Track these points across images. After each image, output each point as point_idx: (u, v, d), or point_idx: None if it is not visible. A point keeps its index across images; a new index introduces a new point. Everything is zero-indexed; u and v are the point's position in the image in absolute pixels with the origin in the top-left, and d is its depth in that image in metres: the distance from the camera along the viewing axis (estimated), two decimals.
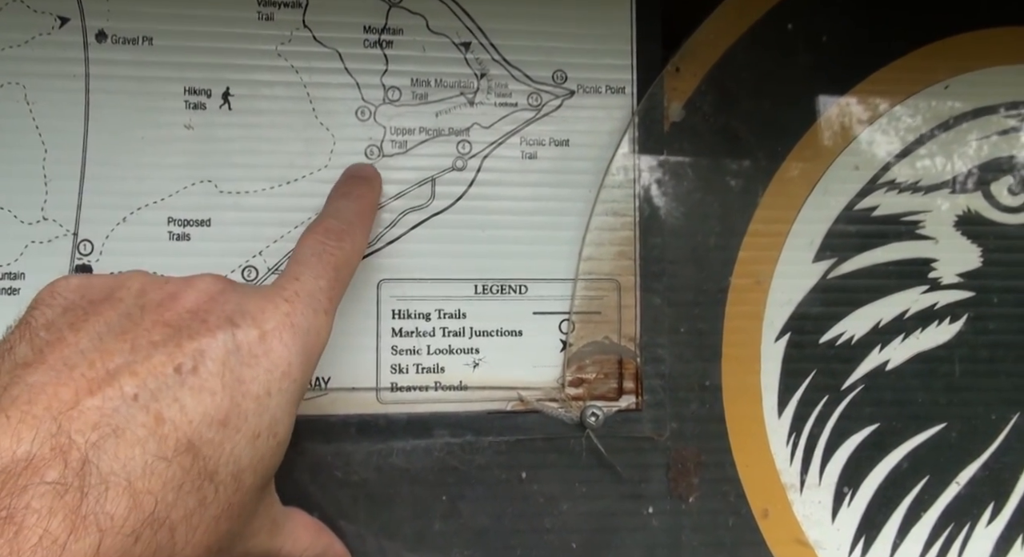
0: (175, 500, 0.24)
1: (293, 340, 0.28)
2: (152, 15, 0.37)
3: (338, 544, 0.35)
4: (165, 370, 0.25)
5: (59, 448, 0.22)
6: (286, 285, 0.30)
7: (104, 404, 0.24)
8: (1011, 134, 0.41)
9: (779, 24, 0.40)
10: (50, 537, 0.21)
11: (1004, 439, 0.41)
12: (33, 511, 0.21)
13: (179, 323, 0.26)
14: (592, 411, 0.38)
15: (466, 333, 0.38)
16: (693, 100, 0.39)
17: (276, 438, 0.27)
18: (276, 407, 0.27)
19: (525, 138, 0.39)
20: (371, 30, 0.38)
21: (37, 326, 0.26)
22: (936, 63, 0.41)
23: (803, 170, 0.40)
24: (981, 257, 0.41)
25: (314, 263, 0.31)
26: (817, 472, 0.40)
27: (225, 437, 0.25)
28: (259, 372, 0.27)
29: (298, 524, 0.32)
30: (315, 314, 0.30)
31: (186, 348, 0.26)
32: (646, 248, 0.39)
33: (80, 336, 0.25)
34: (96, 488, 0.22)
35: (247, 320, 0.27)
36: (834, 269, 0.40)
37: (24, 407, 0.23)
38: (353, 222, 0.34)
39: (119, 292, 0.28)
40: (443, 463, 0.37)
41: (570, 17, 0.39)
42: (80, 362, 0.25)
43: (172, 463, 0.24)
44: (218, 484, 0.25)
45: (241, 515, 0.27)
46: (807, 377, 0.40)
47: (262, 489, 0.28)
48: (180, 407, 0.25)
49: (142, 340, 0.26)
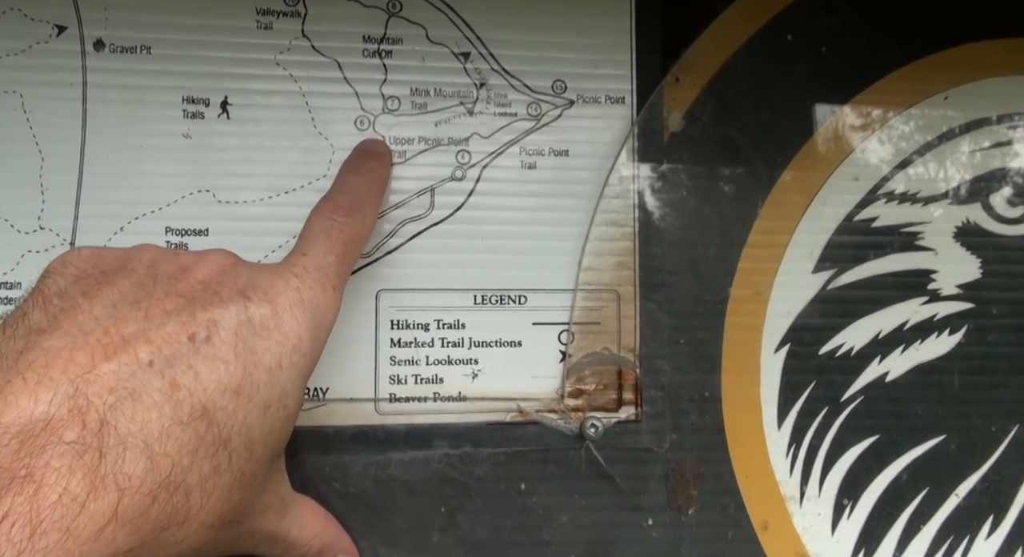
0: (190, 464, 0.24)
1: (303, 315, 0.29)
2: (150, 24, 0.36)
3: (346, 538, 0.34)
4: (179, 338, 0.25)
5: (77, 409, 0.23)
6: (295, 261, 0.30)
7: (120, 369, 0.24)
8: (1010, 145, 0.41)
9: (778, 35, 0.40)
10: (69, 495, 0.21)
11: (1003, 451, 0.41)
12: (53, 470, 0.22)
13: (192, 294, 0.27)
14: (591, 422, 0.37)
15: (465, 343, 0.38)
16: (693, 110, 0.39)
17: (286, 410, 0.28)
18: (287, 380, 0.28)
19: (524, 148, 0.39)
20: (370, 39, 0.38)
21: (50, 294, 0.26)
22: (935, 74, 0.41)
23: (802, 181, 0.40)
24: (980, 268, 0.41)
25: (323, 239, 0.31)
26: (817, 484, 0.39)
27: (238, 406, 0.26)
28: (270, 344, 0.27)
29: (306, 510, 0.32)
30: (323, 290, 0.30)
31: (199, 318, 0.26)
32: (646, 258, 0.39)
33: (94, 304, 0.26)
34: (114, 449, 0.23)
35: (258, 294, 0.28)
36: (833, 280, 0.40)
37: (40, 370, 0.23)
38: (362, 198, 0.34)
39: (131, 263, 0.28)
40: (442, 474, 0.37)
41: (570, 27, 0.39)
42: (95, 328, 0.25)
43: (187, 428, 0.24)
44: (231, 452, 0.26)
45: (252, 485, 0.27)
46: (807, 388, 0.40)
47: (272, 462, 0.29)
48: (194, 374, 0.25)
49: (156, 309, 0.26)
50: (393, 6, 0.38)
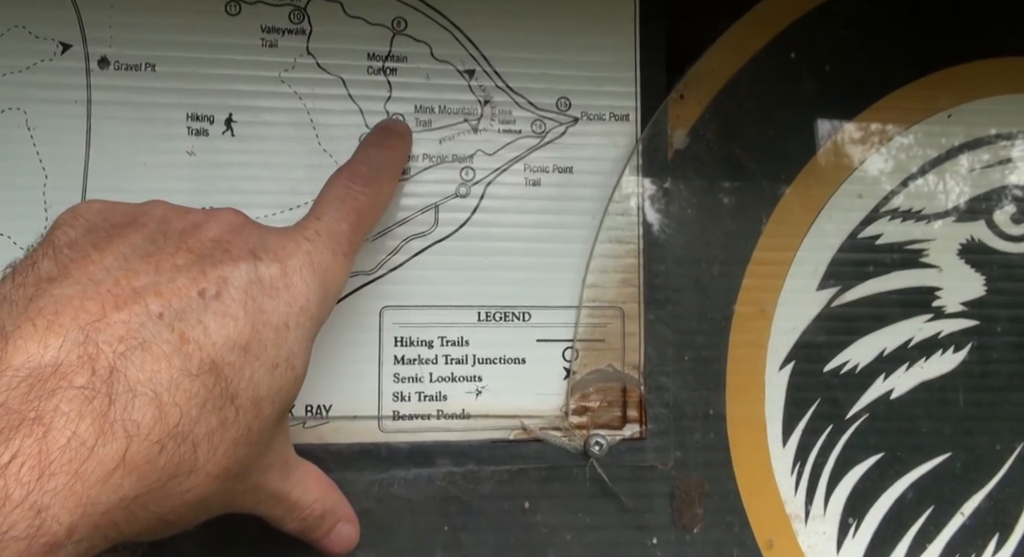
0: (198, 416, 0.24)
1: (312, 277, 0.29)
2: (154, 42, 0.36)
3: (347, 506, 0.34)
4: (189, 293, 0.25)
5: (87, 356, 0.23)
6: (308, 224, 0.30)
7: (130, 319, 0.24)
8: (1014, 163, 0.42)
9: (782, 53, 0.40)
10: (78, 439, 0.22)
11: (1009, 469, 0.41)
12: (62, 414, 0.22)
13: (202, 251, 0.27)
14: (596, 440, 0.37)
15: (469, 361, 0.38)
16: (697, 128, 0.39)
17: (294, 371, 0.28)
18: (294, 340, 0.28)
19: (529, 165, 0.39)
20: (375, 57, 0.38)
21: (60, 244, 0.26)
22: (939, 92, 0.41)
23: (806, 198, 0.40)
24: (985, 286, 0.41)
25: (337, 206, 0.32)
26: (822, 502, 0.39)
27: (246, 362, 0.26)
28: (279, 304, 0.27)
29: (309, 474, 0.32)
30: (334, 255, 0.30)
31: (210, 275, 0.26)
32: (650, 276, 0.39)
33: (105, 255, 0.26)
34: (123, 396, 0.23)
35: (269, 254, 0.28)
36: (838, 297, 0.40)
37: (50, 316, 0.23)
38: (380, 170, 0.34)
39: (142, 217, 0.28)
40: (445, 493, 0.36)
41: (574, 45, 0.39)
42: (105, 279, 0.25)
43: (196, 380, 0.24)
44: (238, 407, 0.26)
45: (259, 442, 0.27)
46: (811, 406, 0.39)
47: (278, 422, 0.29)
48: (204, 329, 0.25)
49: (166, 263, 0.26)
50: (398, 24, 0.38)
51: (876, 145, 0.41)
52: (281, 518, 0.31)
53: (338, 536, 0.34)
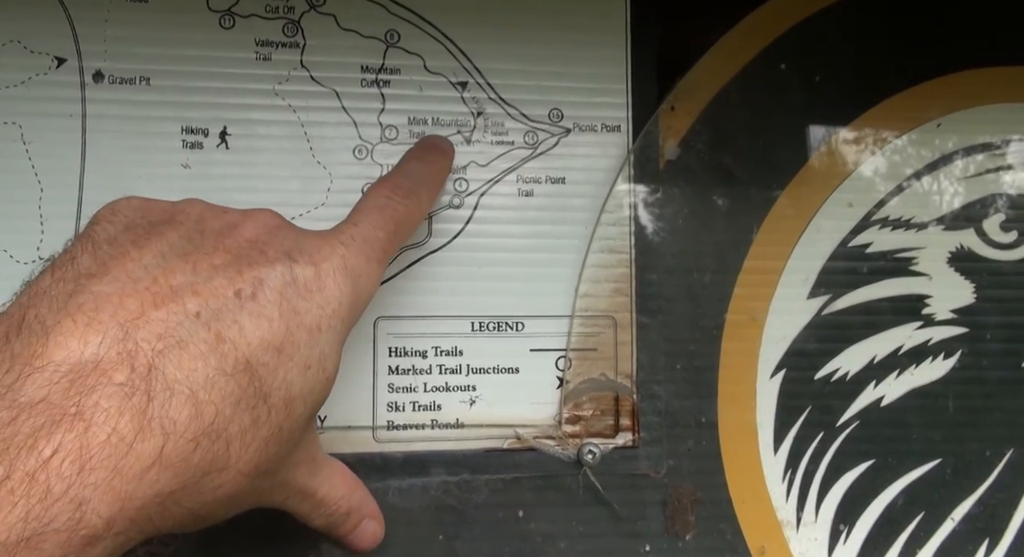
0: (232, 415, 0.25)
1: (345, 281, 0.29)
2: (149, 55, 0.37)
3: (373, 504, 0.35)
4: (226, 293, 0.26)
5: (126, 353, 0.23)
6: (345, 229, 0.31)
7: (169, 317, 0.24)
8: (1002, 171, 0.42)
9: (772, 64, 0.40)
10: (118, 435, 0.22)
11: (998, 475, 0.41)
12: (102, 410, 0.22)
13: (239, 251, 0.27)
14: (589, 448, 0.38)
15: (463, 370, 0.38)
16: (688, 138, 0.39)
17: (325, 372, 0.28)
18: (326, 343, 0.28)
19: (522, 176, 0.39)
20: (368, 70, 0.38)
21: (99, 240, 0.27)
22: (928, 102, 0.41)
23: (797, 207, 0.40)
24: (974, 293, 0.41)
25: (376, 214, 0.32)
26: (813, 509, 0.40)
27: (279, 363, 0.26)
28: (312, 306, 0.28)
29: (336, 472, 0.33)
30: (368, 261, 0.31)
31: (246, 275, 0.26)
32: (642, 285, 0.39)
33: (144, 253, 0.26)
34: (161, 394, 0.23)
35: (304, 256, 0.28)
36: (828, 305, 0.40)
37: (90, 313, 0.24)
38: (421, 184, 0.35)
39: (179, 216, 0.28)
40: (440, 502, 0.37)
41: (566, 57, 0.39)
42: (144, 276, 0.25)
43: (231, 380, 0.25)
44: (271, 406, 0.26)
45: (289, 441, 0.28)
46: (802, 413, 0.40)
47: (308, 421, 0.29)
48: (239, 329, 0.25)
49: (203, 263, 0.26)
50: (391, 36, 0.38)
51: (866, 154, 0.41)
52: (308, 514, 0.32)
53: (363, 532, 0.34)
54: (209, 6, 0.37)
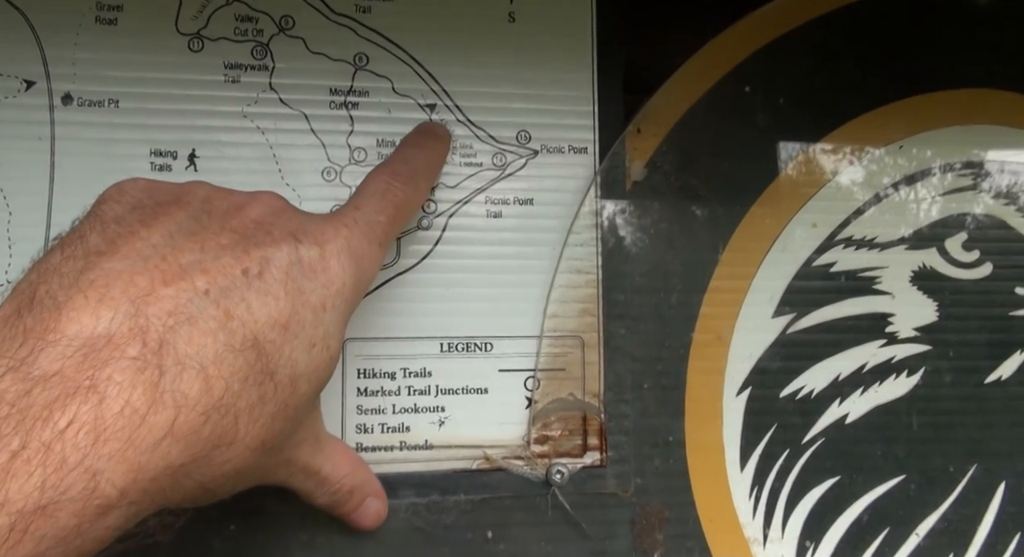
0: (240, 390, 0.25)
1: (349, 262, 0.30)
2: (118, 78, 0.37)
3: (376, 483, 0.36)
4: (234, 271, 0.26)
5: (138, 328, 0.24)
6: (347, 213, 0.32)
7: (178, 294, 0.25)
8: (964, 192, 0.43)
9: (737, 87, 0.41)
10: (131, 407, 0.23)
11: (962, 490, 0.42)
12: (115, 383, 0.23)
13: (245, 231, 0.28)
14: (557, 469, 0.38)
15: (432, 392, 0.38)
16: (654, 160, 0.40)
17: (329, 351, 0.29)
18: (330, 322, 0.29)
19: (490, 197, 0.39)
20: (337, 92, 0.38)
21: (107, 219, 0.27)
22: (890, 123, 0.42)
23: (762, 227, 0.41)
24: (937, 311, 0.42)
25: (377, 199, 0.33)
26: (780, 526, 0.40)
27: (285, 341, 0.27)
28: (317, 286, 0.28)
29: (338, 450, 0.33)
30: (370, 244, 0.31)
31: (253, 254, 0.27)
32: (609, 305, 0.39)
33: (152, 232, 0.27)
34: (173, 368, 0.24)
35: (309, 237, 0.29)
36: (793, 324, 0.41)
37: (102, 289, 0.24)
38: (419, 170, 0.36)
39: (186, 197, 0.29)
40: (409, 524, 0.37)
41: (533, 80, 0.40)
42: (153, 255, 0.26)
43: (239, 356, 0.25)
44: (276, 383, 0.27)
45: (294, 418, 0.28)
46: (768, 431, 0.40)
47: (312, 400, 0.30)
48: (247, 306, 0.26)
49: (211, 242, 0.27)
50: (360, 59, 0.38)
51: (830, 175, 0.41)
52: (312, 492, 0.32)
53: (366, 511, 0.35)
54: (178, 29, 0.37)
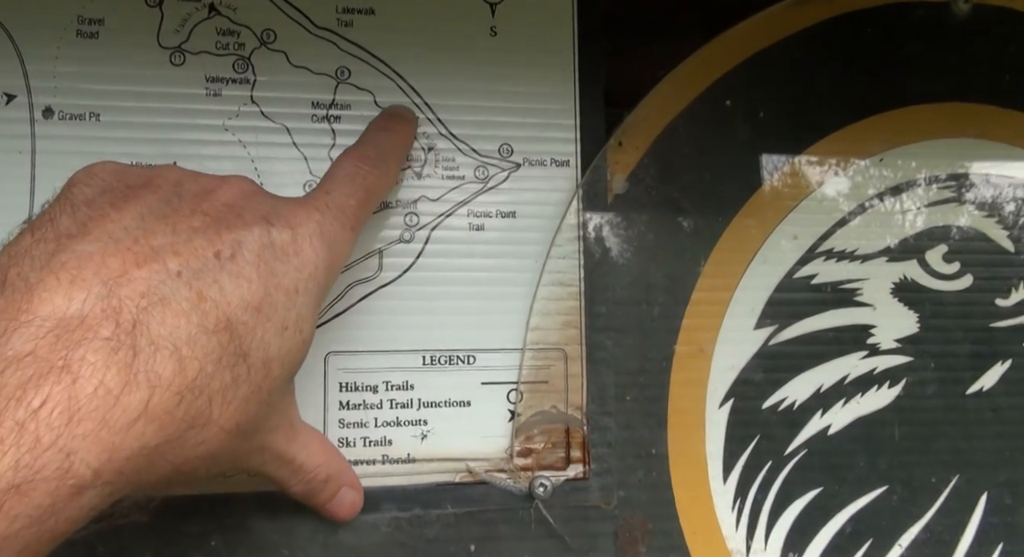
0: (214, 372, 0.26)
1: (321, 246, 0.30)
2: (99, 92, 0.37)
3: (352, 473, 0.36)
4: (206, 254, 0.27)
5: (110, 309, 0.24)
6: (318, 197, 0.32)
7: (151, 276, 0.25)
8: (944, 205, 0.43)
9: (717, 100, 0.41)
10: (105, 388, 0.23)
11: (944, 501, 0.42)
12: (89, 363, 0.23)
13: (217, 214, 0.28)
14: (540, 481, 0.38)
15: (414, 405, 0.38)
16: (636, 173, 0.40)
17: (302, 334, 0.29)
18: (303, 305, 0.29)
19: (472, 210, 0.39)
20: (319, 105, 0.38)
21: (77, 202, 0.27)
22: (870, 136, 0.42)
23: (743, 240, 0.41)
24: (918, 323, 0.42)
25: (347, 183, 0.33)
26: (763, 538, 0.40)
27: (258, 323, 0.27)
28: (290, 269, 0.29)
29: (314, 439, 0.33)
30: (342, 228, 0.32)
31: (225, 237, 0.27)
32: (592, 317, 0.39)
33: (123, 214, 0.27)
34: (146, 349, 0.24)
35: (281, 221, 0.29)
36: (775, 336, 0.41)
37: (73, 271, 0.24)
38: (388, 153, 0.36)
39: (156, 180, 0.29)
40: (391, 538, 0.37)
41: (515, 93, 0.40)
42: (124, 237, 0.26)
43: (212, 337, 0.26)
44: (250, 365, 0.27)
45: (267, 402, 0.28)
46: (751, 443, 0.40)
47: (286, 383, 0.30)
48: (220, 288, 0.26)
49: (183, 225, 0.27)
50: (342, 73, 0.38)
51: (810, 188, 0.42)
52: (287, 480, 0.32)
53: (342, 501, 0.35)
54: (160, 43, 0.37)
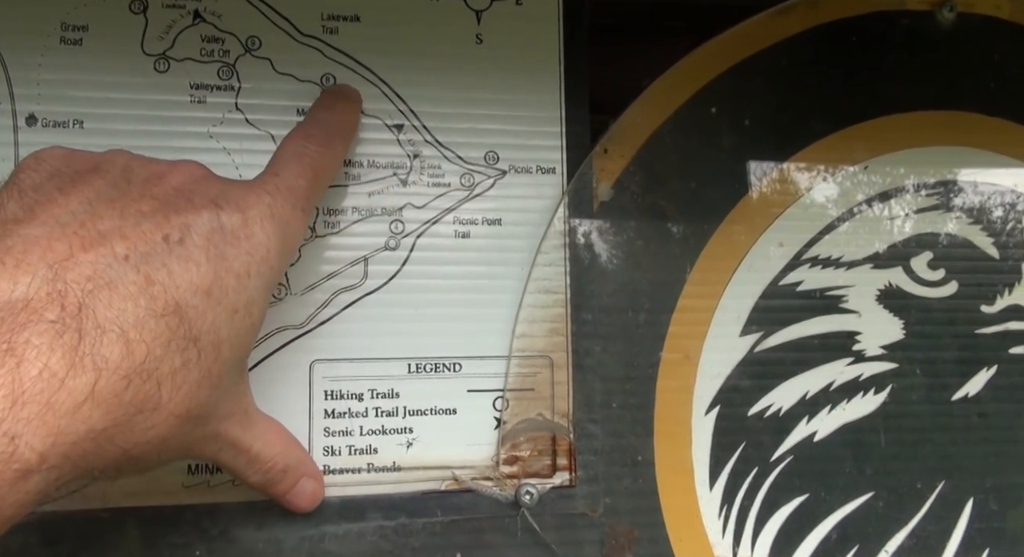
0: (163, 355, 0.26)
1: (273, 229, 0.30)
2: (83, 99, 0.37)
3: (312, 463, 0.36)
4: (154, 237, 0.27)
5: (56, 293, 0.24)
6: (268, 179, 0.32)
7: (97, 259, 0.25)
8: (929, 212, 0.43)
9: (703, 108, 0.41)
10: (50, 371, 0.23)
11: (930, 507, 0.42)
12: (33, 346, 0.23)
13: (166, 198, 0.28)
14: (527, 489, 0.38)
15: (399, 413, 0.38)
16: (621, 180, 0.40)
17: (251, 318, 0.29)
18: (254, 288, 0.29)
19: (458, 217, 0.39)
20: (304, 112, 0.38)
21: (25, 187, 0.27)
22: (855, 144, 0.42)
23: (729, 247, 0.41)
24: (903, 329, 0.42)
25: (295, 163, 0.33)
26: (749, 544, 0.40)
27: (208, 306, 0.27)
28: (240, 252, 0.29)
29: (271, 428, 0.33)
30: (293, 209, 0.32)
31: (173, 221, 0.27)
32: (578, 324, 0.39)
33: (70, 199, 0.27)
34: (92, 332, 0.24)
35: (231, 204, 0.29)
36: (761, 343, 0.41)
37: (19, 255, 0.24)
38: (333, 131, 0.35)
39: (105, 165, 0.29)
40: (377, 547, 0.36)
41: (501, 100, 0.40)
42: (71, 221, 0.26)
43: (161, 321, 0.26)
44: (200, 349, 0.27)
45: (219, 387, 0.28)
46: (737, 449, 0.40)
47: (237, 369, 0.30)
48: (168, 272, 0.26)
49: (131, 209, 0.27)
50: (327, 80, 0.38)
51: (795, 195, 0.42)
52: (243, 470, 0.32)
53: (302, 492, 0.35)
54: (144, 50, 0.37)
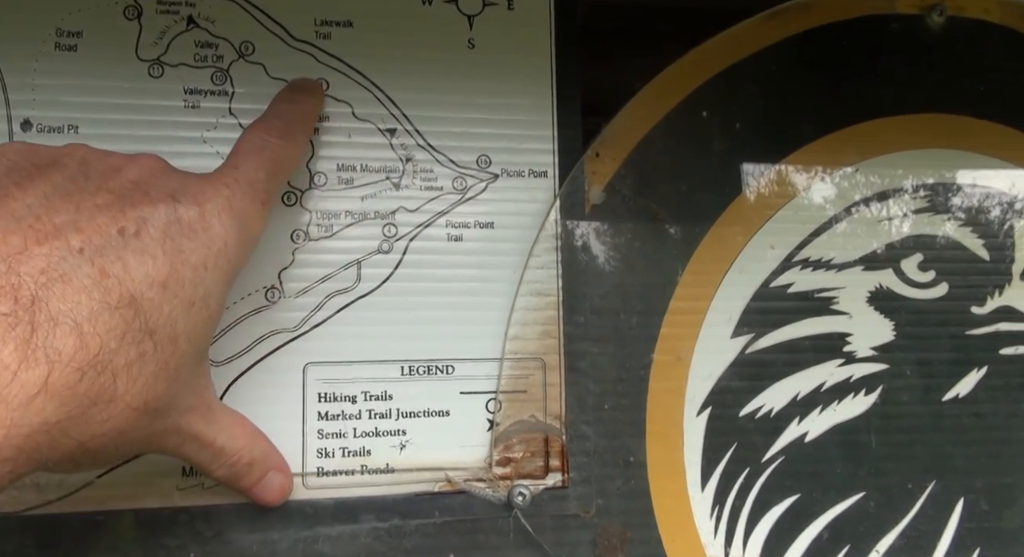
0: (118, 348, 0.26)
1: (231, 222, 0.30)
2: (78, 104, 0.37)
3: (278, 456, 0.36)
4: (109, 230, 0.27)
5: (9, 285, 0.24)
6: (227, 172, 0.32)
7: (51, 252, 0.25)
8: (920, 214, 0.43)
9: (694, 112, 0.41)
10: (2, 363, 0.23)
11: (921, 507, 0.42)
12: None
13: (122, 192, 0.28)
14: (519, 491, 0.38)
15: (393, 415, 0.38)
16: (613, 183, 0.40)
17: (208, 310, 0.29)
18: (211, 281, 0.29)
19: (451, 220, 0.40)
20: None
21: None
22: (845, 147, 0.43)
23: (720, 249, 0.41)
24: (894, 331, 0.43)
25: (255, 156, 0.33)
26: (741, 545, 0.40)
27: (164, 299, 0.27)
28: (197, 245, 0.29)
29: (235, 422, 0.33)
30: (252, 203, 0.32)
31: (129, 214, 0.27)
32: (570, 327, 0.40)
33: (26, 193, 0.27)
34: (45, 325, 0.24)
35: (188, 197, 0.29)
36: (752, 344, 0.41)
37: None
38: (294, 124, 0.36)
39: (63, 159, 0.29)
40: (370, 549, 0.37)
41: (493, 105, 0.40)
42: (27, 215, 0.26)
43: (115, 313, 0.26)
44: (156, 342, 0.27)
45: (177, 379, 0.28)
46: (728, 450, 0.41)
47: (196, 362, 0.30)
48: (123, 265, 0.26)
49: (87, 203, 0.27)
50: (320, 85, 0.39)
51: (786, 198, 0.42)
52: (208, 464, 0.32)
53: (269, 485, 0.35)
54: (138, 55, 0.38)
